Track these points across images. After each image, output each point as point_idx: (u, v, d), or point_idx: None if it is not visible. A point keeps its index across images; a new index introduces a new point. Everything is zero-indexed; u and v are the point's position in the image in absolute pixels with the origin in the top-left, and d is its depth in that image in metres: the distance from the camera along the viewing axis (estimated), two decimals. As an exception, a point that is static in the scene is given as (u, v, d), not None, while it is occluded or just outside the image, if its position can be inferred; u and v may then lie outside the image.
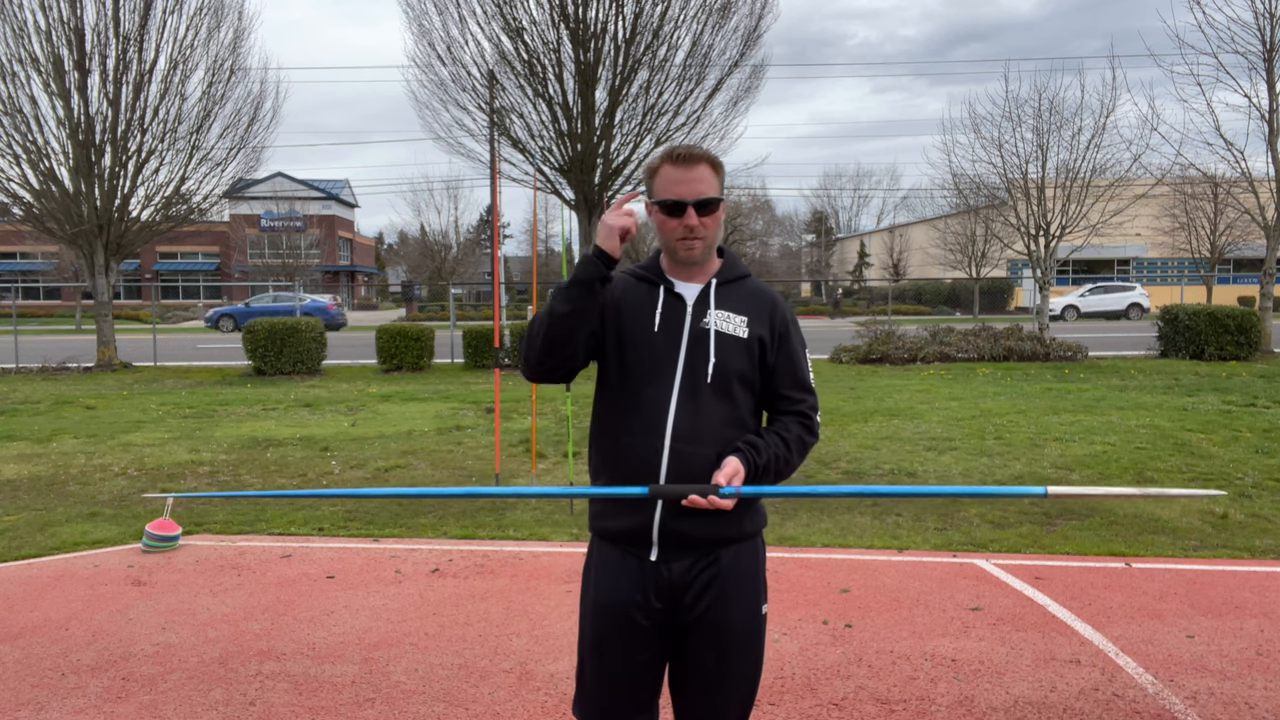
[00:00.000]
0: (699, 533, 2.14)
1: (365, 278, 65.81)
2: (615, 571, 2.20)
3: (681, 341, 2.18)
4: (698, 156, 2.16)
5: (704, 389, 2.14)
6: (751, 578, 2.21)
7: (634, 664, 2.20)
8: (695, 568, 2.16)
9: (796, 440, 2.21)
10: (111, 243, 18.38)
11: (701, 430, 2.13)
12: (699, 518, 2.11)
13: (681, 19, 17.74)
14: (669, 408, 2.14)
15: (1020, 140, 19.55)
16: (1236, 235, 32.10)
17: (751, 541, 2.24)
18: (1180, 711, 3.49)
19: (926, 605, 4.61)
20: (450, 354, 19.83)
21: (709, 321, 2.18)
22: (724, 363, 2.16)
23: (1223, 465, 7.80)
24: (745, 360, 2.18)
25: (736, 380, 2.18)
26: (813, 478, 7.54)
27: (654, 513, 2.13)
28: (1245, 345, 17.22)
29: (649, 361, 2.17)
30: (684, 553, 2.16)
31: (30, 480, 7.97)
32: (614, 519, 2.20)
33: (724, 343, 2.17)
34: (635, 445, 2.15)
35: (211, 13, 18.18)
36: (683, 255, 2.19)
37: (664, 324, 2.19)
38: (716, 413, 2.15)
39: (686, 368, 2.16)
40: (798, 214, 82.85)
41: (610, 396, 2.24)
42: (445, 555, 5.64)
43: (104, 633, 4.41)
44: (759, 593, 2.23)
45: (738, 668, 2.19)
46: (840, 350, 18.45)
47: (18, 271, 50.70)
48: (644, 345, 2.18)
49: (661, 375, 2.16)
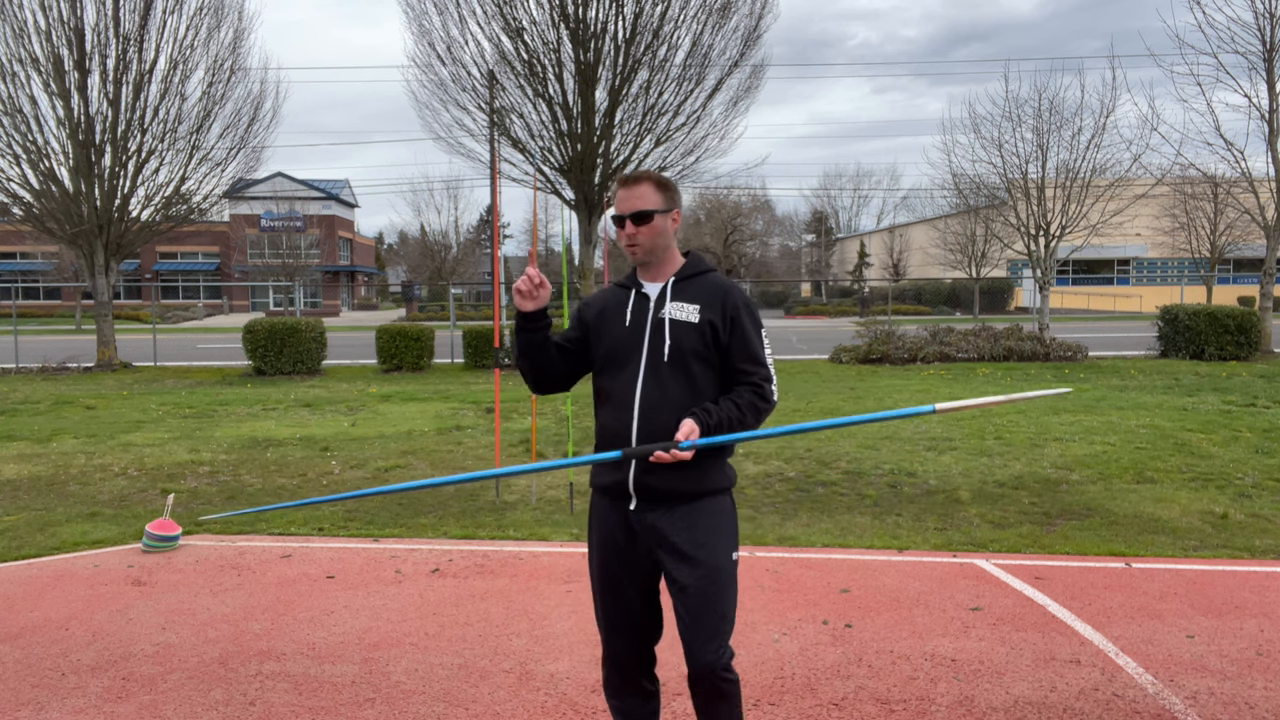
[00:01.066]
0: (666, 486, 2.56)
1: (365, 278, 65.80)
2: (608, 518, 2.67)
3: (645, 330, 2.63)
4: (640, 178, 2.64)
5: (663, 368, 2.58)
6: (724, 528, 2.63)
7: (630, 592, 2.67)
8: (668, 516, 2.58)
9: (748, 404, 2.59)
10: (111, 243, 18.38)
11: (663, 403, 2.56)
12: (665, 473, 2.54)
13: (681, 19, 17.73)
14: (636, 385, 2.58)
15: (1020, 140, 19.58)
16: (1236, 235, 32.11)
17: (716, 497, 2.64)
18: (1180, 711, 3.49)
19: (926, 605, 4.61)
20: (450, 354, 19.83)
21: (665, 312, 2.62)
22: (678, 344, 2.58)
23: (1223, 465, 7.80)
24: (698, 341, 2.59)
25: (692, 357, 2.58)
26: (813, 477, 7.54)
27: (629, 471, 2.58)
28: (1245, 345, 17.22)
29: (621, 350, 2.64)
30: (657, 504, 2.59)
31: (30, 480, 7.97)
32: (601, 476, 2.69)
33: (678, 328, 2.60)
34: (612, 419, 2.62)
35: (211, 13, 18.21)
36: (629, 258, 2.69)
37: (632, 319, 2.66)
38: (676, 387, 2.57)
39: (650, 351, 2.60)
40: (798, 214, 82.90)
41: (598, 383, 2.72)
42: (445, 555, 5.64)
43: (104, 633, 4.41)
44: (731, 540, 2.65)
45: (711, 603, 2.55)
46: (840, 350, 18.45)
47: (18, 271, 50.71)
48: (618, 338, 2.65)
49: (630, 360, 2.62)
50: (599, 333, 2.70)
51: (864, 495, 6.99)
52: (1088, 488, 7.12)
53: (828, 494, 7.08)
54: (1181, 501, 6.66)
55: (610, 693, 2.79)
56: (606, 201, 18.66)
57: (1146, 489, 7.05)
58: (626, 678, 2.75)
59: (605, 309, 2.72)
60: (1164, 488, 7.08)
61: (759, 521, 6.30)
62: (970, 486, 7.20)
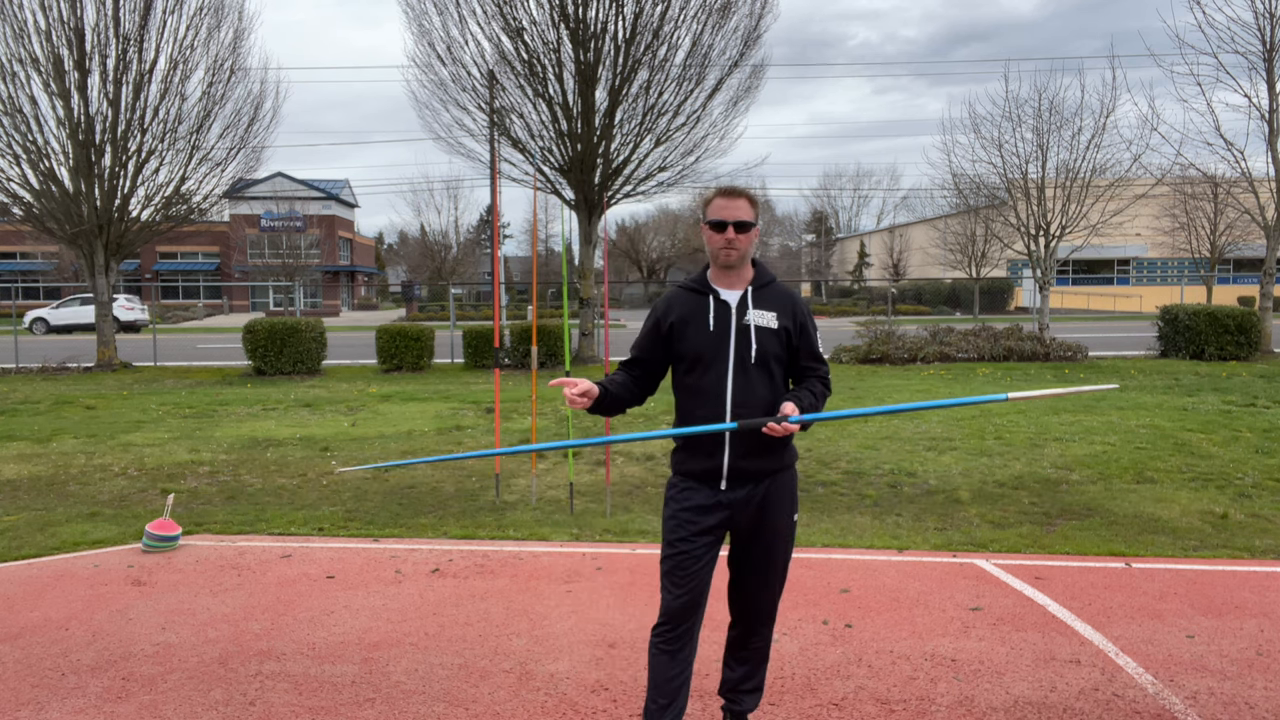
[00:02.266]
0: (755, 468, 2.98)
1: (365, 278, 65.78)
2: (693, 493, 3.01)
3: (730, 334, 2.97)
4: (741, 192, 3.03)
5: (750, 368, 2.95)
6: (789, 496, 3.07)
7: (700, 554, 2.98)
8: (753, 491, 3.00)
9: (820, 392, 3.07)
10: (111, 243, 18.37)
11: (750, 397, 2.94)
12: (756, 458, 2.96)
13: (681, 19, 17.71)
14: (727, 383, 2.95)
15: (1020, 140, 19.56)
16: (1236, 235, 32.11)
17: (789, 470, 3.08)
18: (1180, 711, 3.49)
19: (926, 605, 4.61)
20: (450, 354, 19.83)
21: (749, 319, 2.98)
22: (763, 348, 2.97)
23: (1223, 465, 7.80)
24: (778, 345, 3.00)
25: (773, 360, 2.99)
26: (813, 477, 7.54)
27: (723, 458, 2.95)
28: (1245, 345, 17.22)
29: (709, 352, 2.97)
30: (745, 482, 2.99)
31: (30, 480, 7.97)
32: (695, 463, 3.01)
33: (761, 334, 2.98)
34: (707, 411, 2.96)
35: (211, 12, 18.18)
36: (722, 261, 3.00)
37: (716, 323, 2.98)
38: (759, 384, 2.96)
39: (737, 353, 2.96)
40: (798, 214, 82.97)
41: (685, 380, 3.03)
42: (445, 555, 5.64)
43: (104, 633, 4.41)
44: (794, 505, 3.10)
45: (779, 556, 3.08)
46: (840, 350, 18.44)
47: (18, 271, 50.70)
48: (703, 341, 2.98)
49: (718, 360, 2.96)
50: (682, 335, 3.02)
51: (864, 495, 7.00)
52: (1088, 488, 7.12)
53: (828, 494, 7.08)
54: (1181, 501, 6.66)
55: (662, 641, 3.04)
56: (607, 201, 18.66)
57: (1146, 489, 7.05)
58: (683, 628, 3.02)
59: (686, 315, 3.04)
60: (1164, 488, 7.08)
61: (759, 521, 6.30)
62: (970, 486, 7.20)
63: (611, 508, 6.65)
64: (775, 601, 3.15)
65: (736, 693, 3.23)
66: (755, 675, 3.22)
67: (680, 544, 2.99)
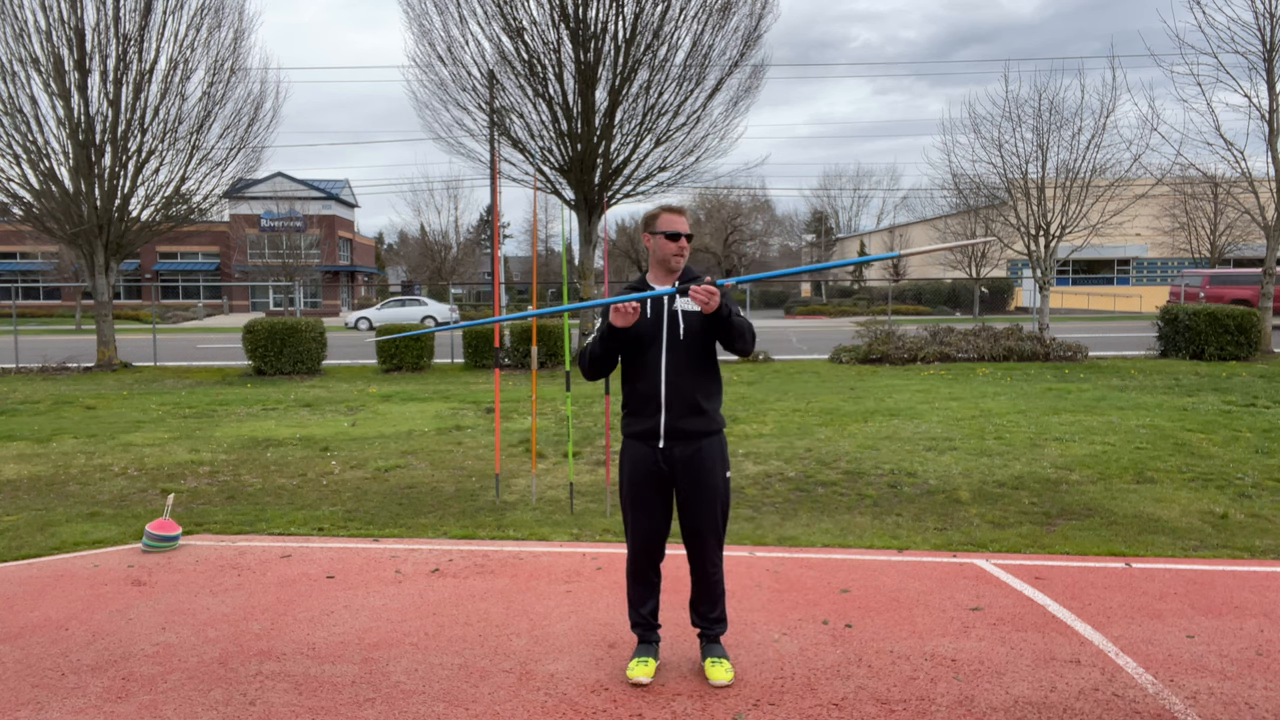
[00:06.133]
0: (689, 427, 3.67)
1: (365, 278, 65.75)
2: (640, 453, 3.71)
3: (663, 320, 3.68)
4: (683, 209, 3.79)
5: (679, 345, 3.66)
6: (720, 456, 3.75)
7: (654, 504, 3.73)
8: (687, 449, 3.69)
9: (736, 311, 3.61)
10: (111, 243, 18.38)
11: (682, 370, 3.65)
12: (689, 419, 3.66)
13: (681, 19, 17.72)
14: (661, 360, 3.66)
15: (1020, 140, 19.58)
16: (1236, 235, 32.12)
17: (719, 434, 3.77)
18: (1180, 711, 3.49)
19: (926, 605, 4.61)
20: (450, 354, 19.84)
21: (678, 305, 3.69)
22: (690, 328, 3.66)
23: (1223, 465, 7.80)
24: (700, 323, 3.65)
25: (699, 336, 3.66)
26: (813, 477, 7.54)
27: (660, 418, 3.65)
28: (1245, 345, 17.22)
29: (646, 334, 3.67)
30: (680, 441, 3.68)
31: (30, 480, 7.97)
32: (637, 425, 3.72)
33: (689, 317, 3.67)
34: (645, 385, 3.67)
35: (212, 13, 18.20)
36: (673, 265, 3.73)
37: (653, 312, 3.69)
38: (689, 358, 3.66)
39: (669, 335, 3.66)
40: (798, 214, 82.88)
41: (629, 358, 3.75)
42: (445, 555, 5.64)
43: (104, 633, 4.41)
44: (725, 463, 3.78)
45: (717, 507, 3.75)
46: (840, 350, 18.44)
47: (18, 271, 50.69)
48: (642, 325, 3.67)
49: (654, 342, 3.67)
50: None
51: (864, 495, 6.99)
52: (1088, 488, 7.12)
53: (828, 494, 7.08)
54: (1181, 501, 6.66)
55: (634, 577, 3.85)
56: (607, 201, 18.67)
57: (1146, 489, 7.05)
58: (649, 564, 3.80)
59: None
60: (1164, 488, 7.08)
61: (759, 521, 6.30)
62: (970, 486, 7.20)
63: (611, 508, 6.65)
64: (720, 542, 3.81)
65: (707, 620, 3.88)
66: (716, 608, 3.86)
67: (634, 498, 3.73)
